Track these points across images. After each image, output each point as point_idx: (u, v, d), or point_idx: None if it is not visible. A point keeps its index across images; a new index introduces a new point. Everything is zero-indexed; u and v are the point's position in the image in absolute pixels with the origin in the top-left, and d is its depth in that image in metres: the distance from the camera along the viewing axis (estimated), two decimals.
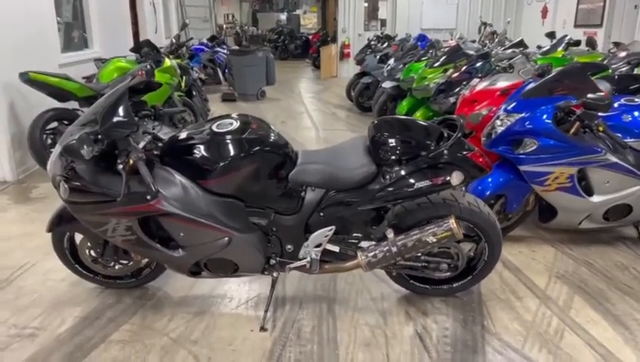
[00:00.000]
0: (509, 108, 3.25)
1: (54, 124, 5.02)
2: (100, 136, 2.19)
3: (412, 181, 2.35)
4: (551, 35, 7.75)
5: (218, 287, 2.95)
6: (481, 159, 2.45)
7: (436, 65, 5.54)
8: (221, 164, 2.31)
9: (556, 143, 3.01)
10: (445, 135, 2.43)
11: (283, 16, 25.79)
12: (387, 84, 7.05)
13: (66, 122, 5.10)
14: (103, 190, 2.25)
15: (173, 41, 7.32)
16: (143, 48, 5.85)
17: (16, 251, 3.41)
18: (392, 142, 2.39)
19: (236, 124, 2.43)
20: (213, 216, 2.36)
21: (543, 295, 2.86)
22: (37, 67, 4.95)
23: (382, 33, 12.13)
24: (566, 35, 7.29)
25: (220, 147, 2.34)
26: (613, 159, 3.03)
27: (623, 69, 5.69)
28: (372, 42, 9.89)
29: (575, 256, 3.32)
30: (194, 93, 7.15)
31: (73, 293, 2.89)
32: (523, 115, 3.13)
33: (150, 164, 2.32)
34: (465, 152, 2.40)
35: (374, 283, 2.97)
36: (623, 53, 6.56)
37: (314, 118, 8.30)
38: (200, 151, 2.35)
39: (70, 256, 2.80)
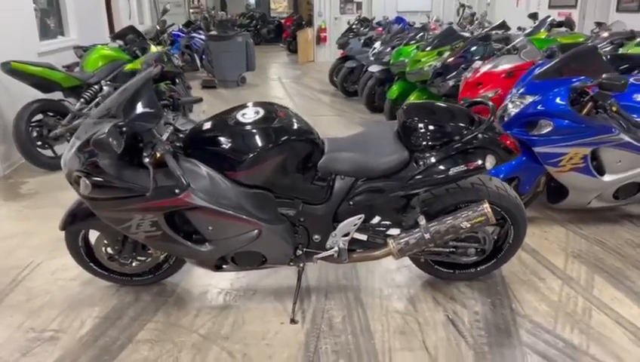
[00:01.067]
0: (521, 90, 3.25)
1: (39, 116, 4.79)
2: (124, 129, 2.08)
3: (446, 166, 2.32)
4: (533, 16, 7.81)
5: (239, 280, 2.87)
6: (509, 141, 2.44)
7: (429, 48, 5.50)
8: (250, 155, 2.23)
9: (572, 124, 3.02)
10: (476, 119, 2.40)
11: (252, 0, 25.35)
12: (374, 68, 6.98)
13: (51, 114, 4.89)
14: (130, 185, 2.15)
15: (158, 27, 7.09)
16: (127, 35, 5.64)
17: (19, 250, 3.26)
18: (424, 127, 2.35)
19: (262, 113, 2.35)
20: (243, 208, 2.29)
21: (564, 275, 2.89)
22: (16, 56, 4.71)
23: (359, 16, 12.05)
24: (548, 16, 7.37)
25: (248, 137, 2.26)
26: (627, 138, 3.06)
27: (607, 48, 5.76)
28: (354, 26, 9.80)
29: (586, 235, 3.37)
30: (177, 80, 6.94)
31: (87, 293, 2.78)
32: (537, 96, 3.13)
33: (175, 156, 2.22)
34: (496, 135, 2.38)
35: (396, 270, 2.95)
36: (605, 34, 6.64)
37: (299, 104, 8.19)
38: (227, 142, 2.26)
39: (84, 254, 2.67)
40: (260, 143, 2.24)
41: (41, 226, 3.57)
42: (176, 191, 2.17)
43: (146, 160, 2.09)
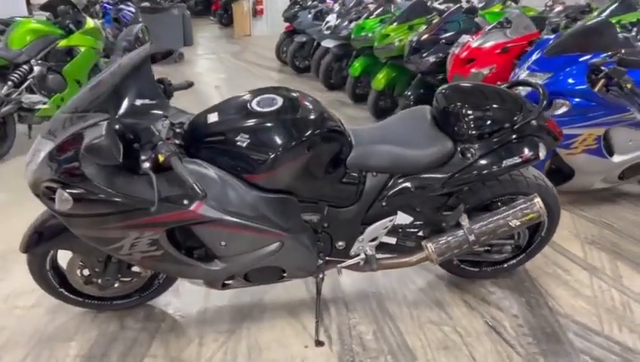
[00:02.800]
0: (531, 67, 3.01)
1: None
2: (117, 127, 1.61)
3: (497, 158, 2.03)
4: None
5: (240, 294, 2.46)
6: (555, 127, 2.19)
7: (396, 22, 5.17)
8: (273, 154, 1.81)
9: (589, 104, 2.84)
10: (523, 103, 2.12)
11: None
12: (330, 43, 6.60)
13: None
14: (127, 197, 1.68)
15: None
16: (58, 6, 4.87)
17: None
18: (471, 113, 2.04)
19: (280, 101, 1.92)
20: (265, 218, 1.89)
21: (587, 265, 2.72)
22: None
23: None
24: None
25: (270, 132, 1.83)
26: None
27: (563, 22, 5.71)
28: None
29: (591, 217, 3.24)
30: (111, 57, 6.24)
31: (57, 323, 2.28)
32: (550, 74, 2.91)
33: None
34: (545, 121, 2.12)
35: (412, 270, 2.64)
36: (559, 7, 6.66)
37: (249, 83, 7.64)
38: (244, 138, 1.82)
39: (54, 279, 2.16)
40: (285, 139, 1.82)
41: None
42: (185, 202, 1.74)
43: (146, 165, 1.63)
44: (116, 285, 2.22)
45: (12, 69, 4.33)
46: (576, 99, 2.83)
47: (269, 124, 1.84)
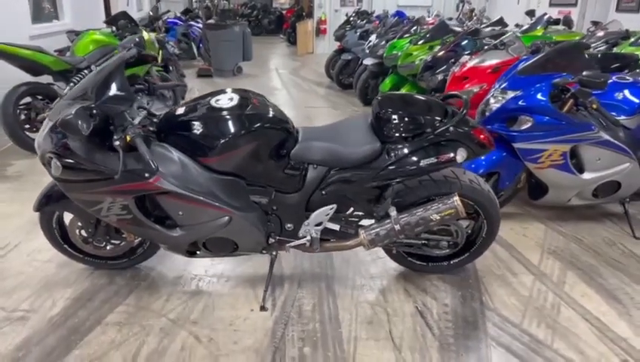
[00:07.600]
0: (503, 85, 3.24)
1: (28, 99, 4.80)
2: (95, 111, 2.09)
3: (417, 158, 2.32)
4: (530, 13, 7.78)
5: (213, 267, 2.89)
6: (483, 136, 2.43)
7: (421, 42, 5.49)
8: (222, 142, 2.23)
9: (552, 121, 3.02)
10: (450, 112, 2.40)
11: None
12: (368, 61, 6.98)
13: (39, 97, 4.89)
14: (99, 167, 2.15)
15: (151, 13, 7.08)
16: (119, 21, 5.62)
17: None
18: (397, 118, 2.35)
19: (236, 100, 2.35)
20: (214, 195, 2.30)
21: (537, 271, 2.90)
22: (6, 39, 4.71)
23: (358, 9, 12.02)
24: (545, 14, 7.34)
25: (221, 124, 2.25)
26: (606, 137, 3.06)
27: (602, 47, 5.75)
28: (351, 18, 9.76)
29: (564, 232, 3.37)
30: (170, 68, 6.96)
31: (62, 274, 2.79)
32: (518, 92, 3.12)
33: (147, 140, 2.24)
34: (469, 129, 2.38)
35: (371, 262, 2.97)
36: (601, 33, 6.63)
37: (294, 95, 8.18)
38: (200, 127, 2.26)
39: (59, 236, 2.69)
40: (231, 130, 2.24)
41: (22, 208, 3.59)
42: (146, 175, 2.18)
43: (116, 143, 2.09)
44: (108, 247, 2.71)
45: (74, 73, 5.06)
46: (539, 116, 3.02)
47: (219, 117, 2.26)
